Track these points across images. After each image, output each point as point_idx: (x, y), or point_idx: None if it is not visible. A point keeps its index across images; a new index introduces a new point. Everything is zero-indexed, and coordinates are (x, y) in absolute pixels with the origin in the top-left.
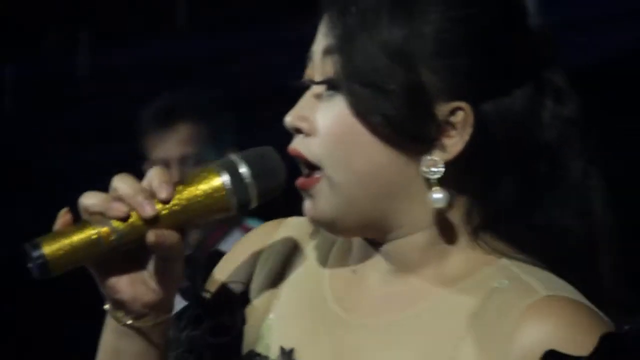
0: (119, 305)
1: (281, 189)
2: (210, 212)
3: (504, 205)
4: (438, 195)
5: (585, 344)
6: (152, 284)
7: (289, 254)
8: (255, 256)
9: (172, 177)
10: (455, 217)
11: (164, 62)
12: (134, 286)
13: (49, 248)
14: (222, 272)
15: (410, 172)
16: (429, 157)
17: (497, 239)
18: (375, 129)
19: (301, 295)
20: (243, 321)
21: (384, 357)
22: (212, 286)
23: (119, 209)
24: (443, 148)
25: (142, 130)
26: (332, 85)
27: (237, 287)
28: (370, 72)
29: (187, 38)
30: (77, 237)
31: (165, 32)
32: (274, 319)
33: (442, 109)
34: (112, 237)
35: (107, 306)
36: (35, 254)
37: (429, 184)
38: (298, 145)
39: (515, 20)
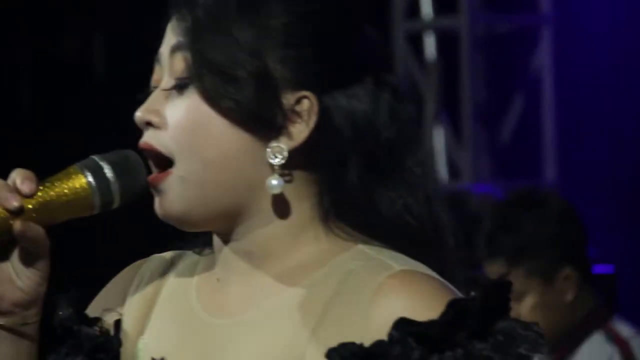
0: None
1: (143, 189)
2: (74, 210)
3: (350, 192)
4: (274, 181)
5: (437, 312)
6: (19, 282)
7: (158, 279)
8: (126, 287)
9: (35, 176)
10: (306, 206)
11: None
12: (1, 284)
13: None
14: (98, 304)
15: (259, 159)
16: (275, 144)
17: (353, 228)
18: (225, 115)
19: (171, 312)
20: (119, 344)
21: (244, 354)
22: (90, 313)
23: None
24: (289, 135)
25: None
26: (183, 83)
27: (112, 316)
28: (219, 61)
29: None
30: None
31: None
32: (147, 339)
33: (288, 97)
34: None
35: None
36: None
37: (274, 171)
38: (149, 138)
39: (353, 22)
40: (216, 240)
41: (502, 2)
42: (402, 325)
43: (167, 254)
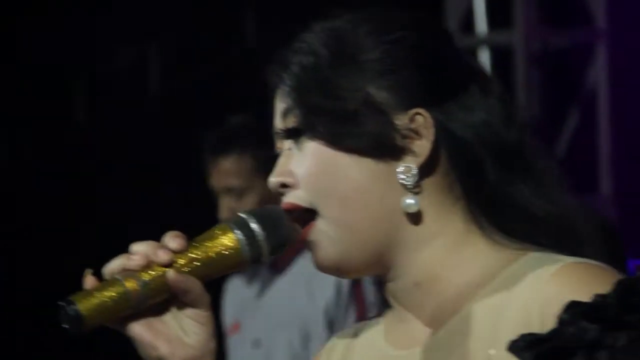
0: None
1: (291, 242)
2: (225, 266)
3: (492, 191)
4: (409, 200)
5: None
6: (187, 338)
7: (342, 352)
8: None
9: (183, 235)
10: (453, 219)
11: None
12: (170, 342)
13: (83, 305)
14: None
15: (392, 184)
16: (402, 165)
17: (510, 233)
18: (346, 151)
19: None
20: None
21: None
22: None
23: (138, 259)
24: (413, 153)
25: (204, 154)
26: (296, 131)
27: None
28: (325, 105)
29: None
30: (107, 291)
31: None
32: None
33: (401, 118)
34: (139, 287)
35: None
36: (70, 311)
37: (408, 191)
38: (288, 198)
39: (441, 36)
40: (387, 287)
41: (558, 17)
42: (573, 307)
43: (349, 329)
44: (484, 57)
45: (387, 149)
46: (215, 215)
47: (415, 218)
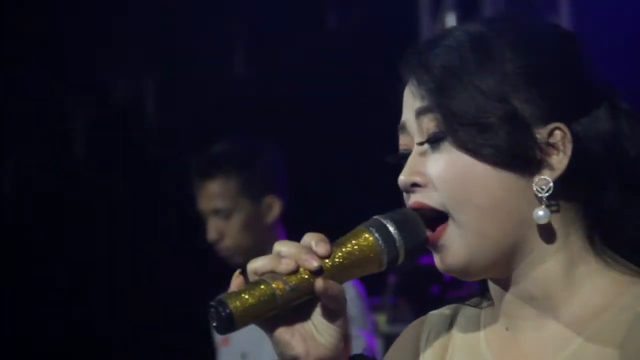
0: None
1: (425, 244)
2: (364, 267)
3: (613, 212)
4: (541, 212)
5: None
6: (321, 339)
7: (444, 335)
8: (416, 345)
9: (326, 238)
10: (574, 235)
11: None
12: (305, 342)
13: (234, 305)
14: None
15: (526, 196)
16: (540, 177)
17: (625, 257)
18: (486, 161)
19: None
20: None
21: None
22: None
23: (289, 263)
24: (550, 167)
25: (191, 176)
26: (436, 137)
27: None
28: (470, 113)
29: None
30: (257, 293)
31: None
32: None
33: (541, 132)
34: (286, 289)
35: None
36: (223, 312)
37: (541, 203)
38: (419, 198)
39: (579, 51)
40: (496, 289)
41: None
42: None
43: (445, 310)
44: None
45: (525, 161)
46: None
47: (542, 230)
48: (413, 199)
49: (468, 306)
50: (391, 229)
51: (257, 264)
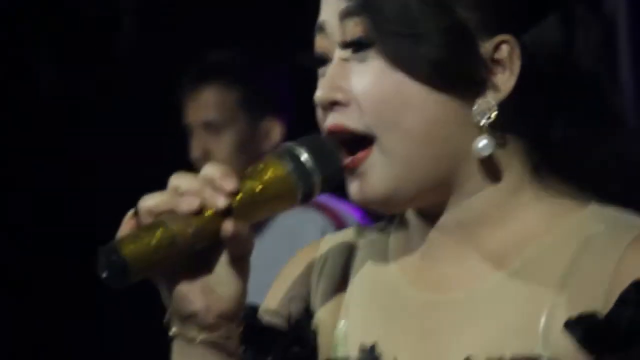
0: (191, 318)
1: (341, 174)
2: (277, 203)
3: (561, 142)
4: (484, 140)
5: None
6: (224, 291)
7: (343, 261)
8: (307, 275)
9: (234, 173)
10: (517, 165)
11: None
12: (205, 295)
13: (128, 251)
14: (276, 294)
15: (466, 121)
16: (482, 100)
17: (570, 181)
18: (421, 79)
19: (371, 294)
20: (314, 334)
21: (472, 331)
22: (271, 306)
23: (192, 202)
24: (495, 87)
25: (181, 88)
26: (363, 44)
27: (298, 305)
28: (404, 20)
29: None
30: (154, 237)
31: None
32: (345, 324)
33: (485, 46)
34: (188, 233)
35: (173, 331)
36: (114, 258)
37: (482, 131)
38: (338, 119)
39: None
40: (413, 214)
41: None
42: (638, 286)
43: (344, 234)
44: None
45: (466, 80)
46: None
47: (482, 161)
48: (332, 120)
49: (370, 229)
50: (304, 157)
51: (152, 202)
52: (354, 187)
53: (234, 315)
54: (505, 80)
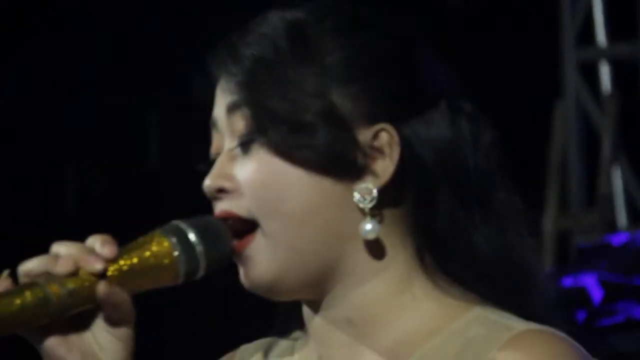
0: None
1: (229, 257)
2: (158, 278)
3: (444, 229)
4: (369, 225)
5: None
6: (104, 356)
7: None
8: None
9: (114, 240)
10: (402, 255)
11: None
12: (85, 358)
13: None
14: None
15: (346, 206)
16: (362, 185)
17: (457, 280)
18: (300, 164)
19: None
20: None
21: None
22: None
23: (67, 263)
24: (374, 174)
25: None
26: (246, 138)
27: None
28: (282, 110)
29: None
30: (25, 296)
31: None
32: None
33: (364, 133)
34: (62, 293)
35: None
36: None
37: (365, 215)
38: (225, 206)
39: (414, 48)
40: (308, 313)
41: None
42: None
43: (257, 344)
44: (605, 72)
45: (345, 166)
46: None
47: (367, 247)
48: (219, 207)
49: (281, 339)
50: (191, 236)
51: (29, 265)
52: (241, 272)
53: None
54: (384, 167)
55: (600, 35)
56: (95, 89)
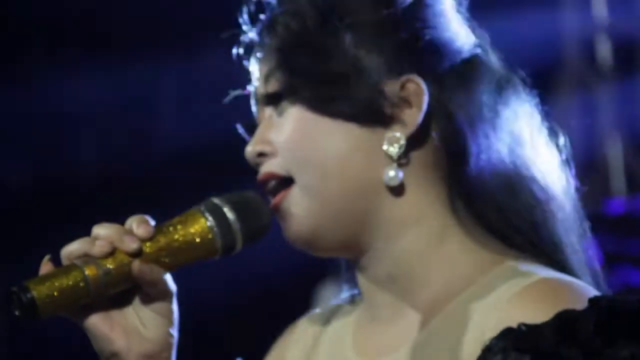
0: (114, 358)
1: (266, 231)
2: (196, 254)
3: (476, 181)
4: (392, 172)
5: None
6: (146, 332)
7: (313, 336)
8: (285, 347)
9: (150, 220)
10: (437, 203)
11: None
12: (127, 335)
13: (38, 290)
14: None
15: (376, 155)
16: (390, 134)
17: (491, 230)
18: (330, 115)
19: None
20: None
21: None
22: None
23: (103, 245)
24: (402, 123)
25: None
26: (277, 95)
27: None
28: (312, 66)
29: None
30: (65, 278)
31: None
32: None
33: (391, 85)
34: (99, 274)
35: None
36: (24, 297)
37: (392, 162)
38: (266, 168)
39: (441, 5)
40: (358, 275)
41: None
42: (507, 334)
43: (323, 309)
44: (604, 44)
45: (374, 115)
46: None
47: (397, 196)
48: (261, 171)
49: (346, 304)
50: (227, 211)
51: (70, 248)
52: (284, 228)
53: (158, 356)
54: (412, 116)
55: (600, 8)
56: None
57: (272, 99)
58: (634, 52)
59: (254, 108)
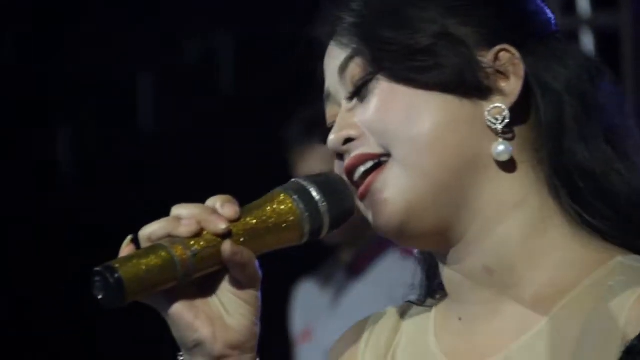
0: (197, 348)
1: (351, 215)
2: (281, 237)
3: (577, 161)
4: (501, 146)
5: None
6: (232, 320)
7: (388, 334)
8: (356, 347)
9: (235, 200)
10: (537, 185)
11: None
12: (212, 323)
13: (125, 271)
14: None
15: (477, 128)
16: (491, 105)
17: (595, 219)
18: (423, 87)
19: None
20: None
21: None
22: None
23: (190, 224)
24: (502, 93)
25: (288, 144)
26: (364, 81)
27: None
28: (399, 37)
29: None
30: (154, 257)
31: None
32: None
33: (485, 55)
34: (188, 255)
35: (181, 358)
36: (111, 278)
37: (497, 136)
38: (356, 151)
39: None
40: (445, 270)
41: None
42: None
43: (394, 308)
44: (587, 41)
45: (470, 86)
46: None
47: (504, 172)
48: (350, 155)
49: (415, 306)
50: (314, 193)
51: (150, 229)
52: (373, 215)
53: (243, 346)
54: (511, 86)
55: (583, 4)
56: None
57: (352, 87)
58: (617, 48)
59: (329, 110)
